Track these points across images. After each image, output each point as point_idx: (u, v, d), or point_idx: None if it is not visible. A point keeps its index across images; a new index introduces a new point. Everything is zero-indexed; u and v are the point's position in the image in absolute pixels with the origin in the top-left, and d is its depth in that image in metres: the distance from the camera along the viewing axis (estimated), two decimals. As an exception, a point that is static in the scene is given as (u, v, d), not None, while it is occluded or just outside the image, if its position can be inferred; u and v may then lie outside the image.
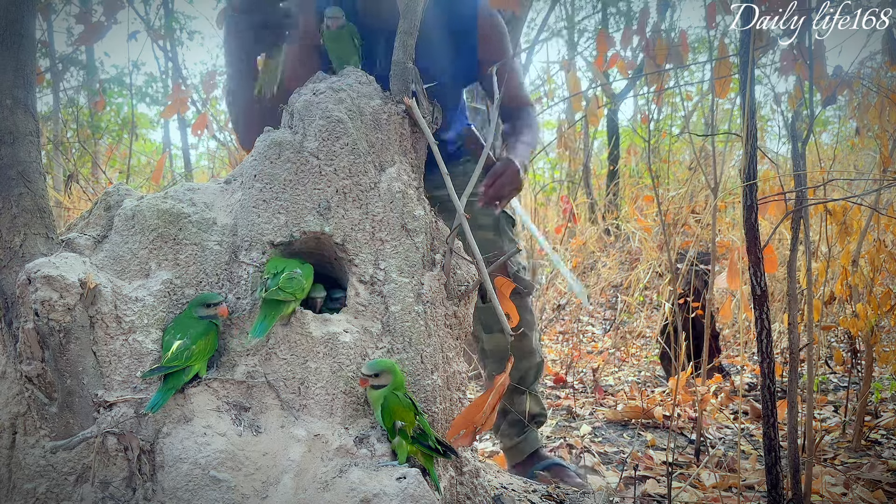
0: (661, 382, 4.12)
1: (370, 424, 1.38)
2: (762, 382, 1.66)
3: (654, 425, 3.29)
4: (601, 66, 3.60)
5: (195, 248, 1.43)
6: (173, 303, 1.39)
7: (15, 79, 1.37)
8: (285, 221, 1.46)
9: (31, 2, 1.42)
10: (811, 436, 2.06)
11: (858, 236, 3.04)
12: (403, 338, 1.44)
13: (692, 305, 3.73)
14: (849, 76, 2.39)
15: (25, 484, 1.28)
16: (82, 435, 1.27)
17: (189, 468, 1.24)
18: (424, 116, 1.60)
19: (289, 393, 1.37)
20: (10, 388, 1.33)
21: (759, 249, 1.65)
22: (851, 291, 3.10)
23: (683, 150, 8.14)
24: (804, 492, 1.87)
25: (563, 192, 8.68)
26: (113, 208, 1.49)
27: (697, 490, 2.36)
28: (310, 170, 1.48)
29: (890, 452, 2.81)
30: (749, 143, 1.62)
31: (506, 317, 1.40)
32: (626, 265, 6.53)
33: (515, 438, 2.36)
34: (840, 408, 3.41)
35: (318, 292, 1.49)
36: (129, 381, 1.32)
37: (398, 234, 1.51)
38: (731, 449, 2.93)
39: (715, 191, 2.80)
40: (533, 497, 1.85)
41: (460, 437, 1.37)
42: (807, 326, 2.12)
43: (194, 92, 4.07)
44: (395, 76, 1.61)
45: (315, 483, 1.27)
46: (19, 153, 1.37)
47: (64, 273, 1.27)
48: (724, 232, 5.29)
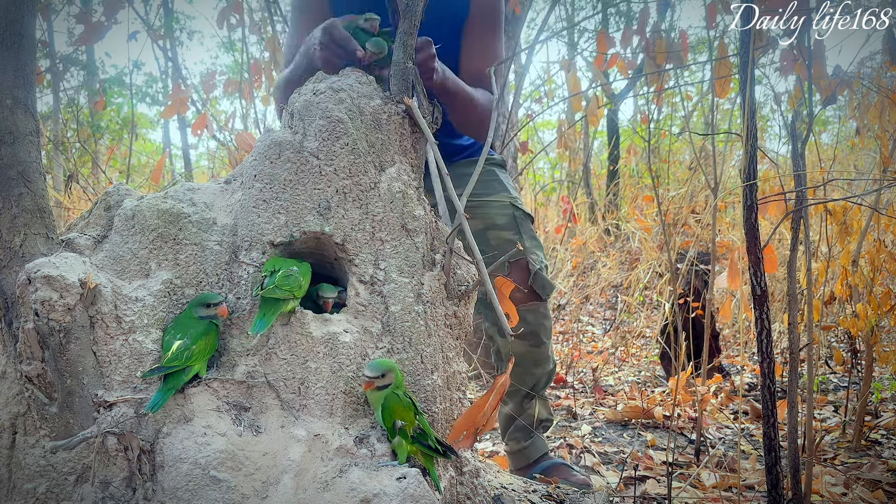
0: (661, 382, 4.12)
1: (370, 424, 1.38)
2: (762, 382, 1.66)
3: (654, 425, 3.30)
4: (601, 66, 3.61)
5: (195, 248, 1.43)
6: (173, 303, 1.39)
7: (15, 79, 1.37)
8: (285, 221, 1.46)
9: (31, 2, 1.42)
10: (811, 436, 2.06)
11: (858, 236, 3.04)
12: (403, 338, 1.44)
13: (692, 305, 3.73)
14: (849, 76, 2.39)
15: (25, 484, 1.28)
16: (82, 435, 1.27)
17: (189, 468, 1.24)
18: (424, 116, 1.60)
19: (289, 393, 1.37)
20: (10, 388, 1.33)
21: (759, 249, 1.65)
22: (851, 291, 3.10)
23: (683, 150, 8.15)
24: (804, 492, 1.87)
25: (563, 192, 8.68)
26: (113, 208, 1.48)
27: (697, 490, 2.36)
28: (310, 170, 1.48)
29: (890, 452, 2.81)
30: (749, 143, 1.62)
31: (506, 317, 1.40)
32: (626, 265, 6.53)
33: (522, 443, 2.34)
34: (840, 408, 3.41)
35: (329, 292, 1.49)
36: (129, 381, 1.32)
37: (398, 234, 1.51)
38: (731, 449, 2.93)
39: (715, 191, 2.80)
40: (533, 497, 1.85)
41: (462, 438, 1.37)
42: (807, 326, 2.13)
43: (194, 92, 4.07)
44: (396, 76, 1.61)
45: (315, 483, 1.27)
46: (19, 153, 1.37)
47: (64, 273, 1.27)
48: (724, 232, 5.29)
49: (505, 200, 2.24)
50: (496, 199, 2.24)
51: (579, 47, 7.62)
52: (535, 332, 2.19)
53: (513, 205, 2.24)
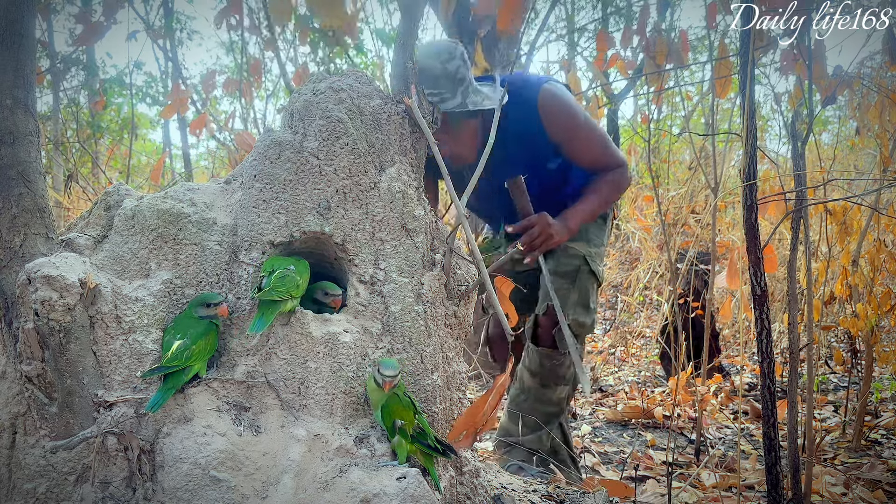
0: (661, 382, 4.12)
1: (370, 424, 1.38)
2: (762, 382, 1.66)
3: (654, 425, 3.30)
4: (601, 66, 3.60)
5: (195, 248, 1.43)
6: (173, 303, 1.39)
7: (15, 79, 1.37)
8: (285, 221, 1.46)
9: (31, 2, 1.42)
10: (811, 436, 2.06)
11: (858, 236, 3.04)
12: (403, 338, 1.44)
13: (692, 305, 3.73)
14: (849, 76, 2.39)
15: (25, 484, 1.28)
16: (82, 435, 1.27)
17: (189, 468, 1.24)
18: (424, 116, 1.60)
19: (289, 393, 1.37)
20: (10, 388, 1.33)
21: (759, 249, 1.65)
22: (851, 291, 3.10)
23: (683, 150, 8.13)
24: (804, 492, 1.87)
25: (563, 192, 8.64)
26: (113, 208, 1.48)
27: (697, 490, 2.36)
28: (310, 170, 1.48)
29: (890, 452, 2.81)
30: (749, 143, 1.62)
31: (506, 317, 1.40)
32: (626, 265, 6.53)
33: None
34: (840, 408, 3.41)
35: (335, 290, 1.49)
36: (129, 381, 1.32)
37: (398, 234, 1.51)
38: (731, 449, 2.93)
39: (715, 191, 2.80)
40: (533, 497, 1.85)
41: (462, 438, 1.37)
42: (807, 326, 2.12)
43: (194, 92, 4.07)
44: (395, 76, 1.61)
45: (315, 483, 1.27)
46: (19, 153, 1.37)
47: (64, 273, 1.27)
48: (724, 232, 5.29)
49: (580, 252, 2.29)
50: (574, 246, 2.28)
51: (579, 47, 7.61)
52: (546, 375, 2.28)
53: (585, 258, 2.29)
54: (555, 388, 2.31)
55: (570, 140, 2.16)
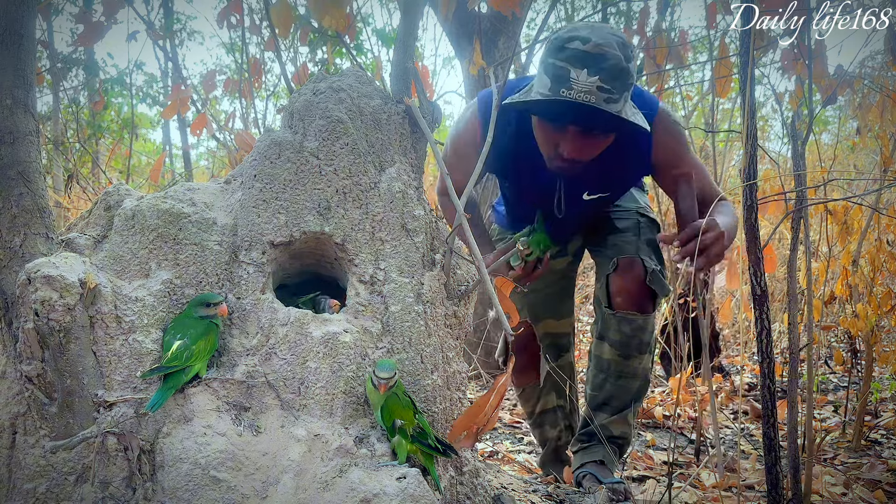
0: (661, 382, 4.12)
1: (370, 424, 1.38)
2: (762, 382, 1.66)
3: (654, 425, 3.30)
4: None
5: (195, 248, 1.43)
6: (173, 303, 1.39)
7: (15, 79, 1.37)
8: (285, 221, 1.46)
9: (31, 2, 1.42)
10: (811, 436, 2.06)
11: (859, 236, 3.04)
12: (403, 338, 1.44)
13: (692, 305, 3.73)
14: (850, 75, 2.39)
15: (25, 484, 1.28)
16: (82, 435, 1.27)
17: (189, 468, 1.24)
18: (424, 116, 1.60)
19: (289, 393, 1.37)
20: (10, 388, 1.33)
21: (759, 249, 1.65)
22: (851, 291, 3.11)
23: (683, 150, 8.11)
24: (804, 492, 1.87)
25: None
26: (113, 208, 1.48)
27: (697, 490, 2.36)
28: (310, 170, 1.48)
29: (890, 452, 2.81)
30: (749, 142, 1.62)
31: (506, 317, 1.40)
32: (626, 265, 6.51)
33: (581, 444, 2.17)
34: (840, 408, 3.41)
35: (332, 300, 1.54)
36: (129, 381, 1.32)
37: (398, 234, 1.51)
38: (732, 449, 2.93)
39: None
40: (533, 497, 1.85)
41: (462, 438, 1.37)
42: (807, 326, 2.12)
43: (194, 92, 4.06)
44: (396, 76, 1.61)
45: (315, 483, 1.27)
46: (19, 153, 1.37)
47: (64, 273, 1.27)
48: (725, 232, 5.27)
49: (631, 207, 2.26)
50: (623, 206, 2.26)
51: (579, 47, 7.63)
52: (626, 343, 2.08)
53: (637, 211, 2.25)
54: (640, 358, 2.11)
55: (678, 165, 1.99)
